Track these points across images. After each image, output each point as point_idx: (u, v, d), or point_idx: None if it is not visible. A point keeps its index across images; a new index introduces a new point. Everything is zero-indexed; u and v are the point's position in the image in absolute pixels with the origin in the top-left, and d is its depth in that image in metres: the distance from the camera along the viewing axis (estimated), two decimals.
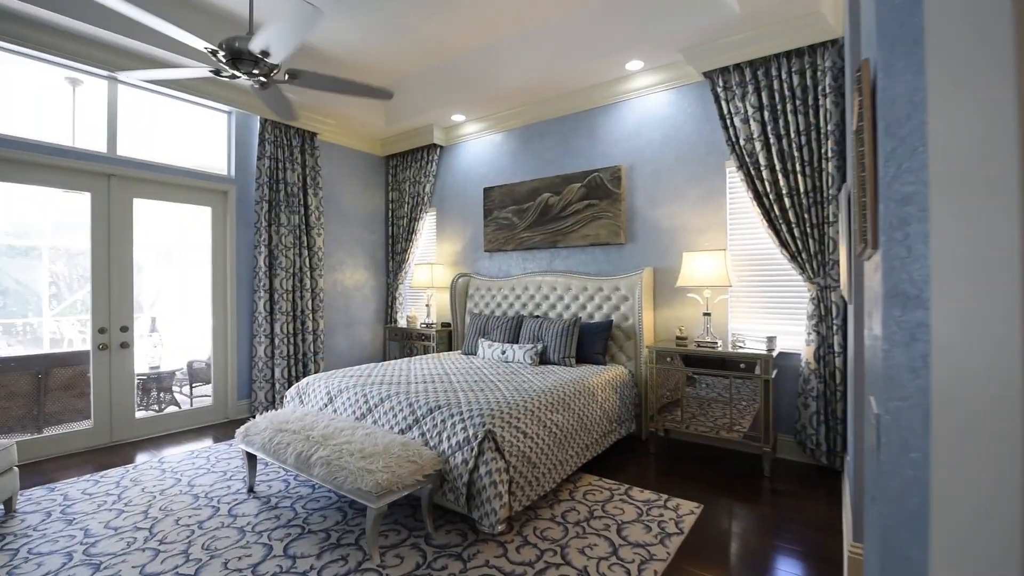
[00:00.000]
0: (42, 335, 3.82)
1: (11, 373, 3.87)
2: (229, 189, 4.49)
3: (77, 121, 3.73)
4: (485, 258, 5.10)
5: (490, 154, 5.05)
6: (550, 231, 4.49)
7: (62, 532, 2.41)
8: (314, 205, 4.95)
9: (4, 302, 3.57)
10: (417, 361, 4.03)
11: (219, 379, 4.51)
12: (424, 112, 4.82)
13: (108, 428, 3.85)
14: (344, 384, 3.16)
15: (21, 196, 3.54)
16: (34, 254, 3.69)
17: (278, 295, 4.64)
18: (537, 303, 4.51)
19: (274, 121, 4.64)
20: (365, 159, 5.71)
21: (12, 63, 3.42)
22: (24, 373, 3.92)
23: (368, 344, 5.71)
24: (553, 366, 3.73)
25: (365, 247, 5.70)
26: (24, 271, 3.69)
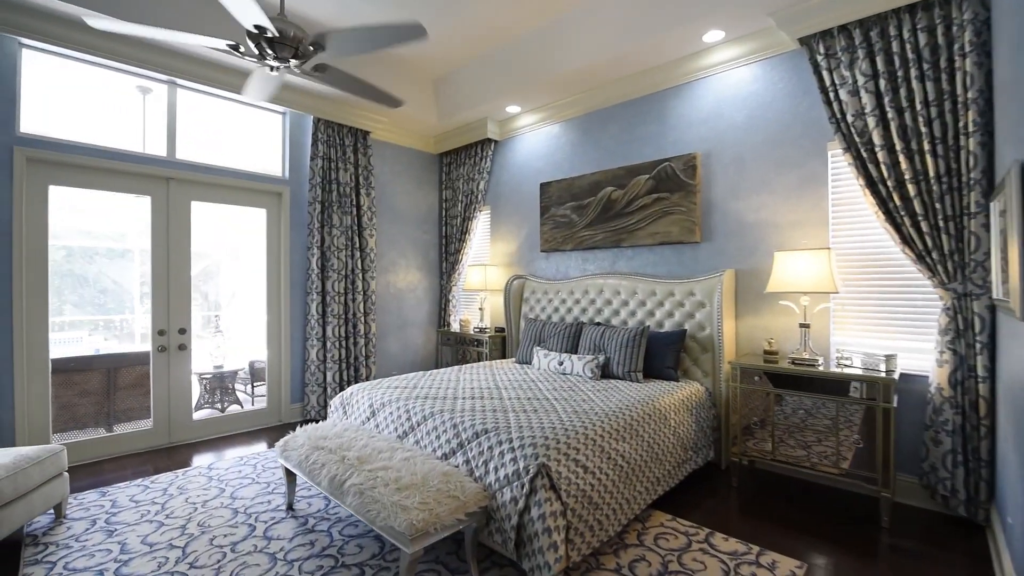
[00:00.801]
0: (134, 331, 4.09)
1: (85, 372, 4.02)
2: (283, 190, 4.45)
3: (130, 122, 3.78)
4: (541, 259, 4.75)
5: (547, 147, 4.69)
6: (613, 229, 4.05)
7: (100, 545, 2.34)
8: (366, 205, 4.83)
9: (104, 300, 3.83)
10: (467, 371, 3.75)
11: (273, 382, 4.48)
12: (477, 104, 4.54)
13: (167, 429, 3.89)
14: (387, 397, 2.93)
15: (119, 203, 3.70)
16: (128, 256, 3.93)
17: (330, 297, 4.54)
18: (598, 308, 4.10)
19: (327, 120, 4.54)
20: (418, 157, 5.54)
21: (90, 75, 3.50)
22: (96, 372, 4.06)
23: (420, 348, 5.54)
24: (617, 381, 3.31)
25: (418, 247, 5.53)
26: (121, 272, 3.96)
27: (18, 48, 3.21)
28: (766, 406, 2.90)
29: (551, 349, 3.93)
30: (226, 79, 3.90)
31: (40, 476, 2.43)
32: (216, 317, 5.55)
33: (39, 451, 2.49)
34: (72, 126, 3.47)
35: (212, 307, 5.16)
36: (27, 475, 2.35)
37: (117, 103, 3.68)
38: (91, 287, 3.86)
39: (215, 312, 5.43)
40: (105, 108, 3.63)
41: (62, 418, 3.82)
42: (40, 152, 3.28)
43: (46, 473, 2.48)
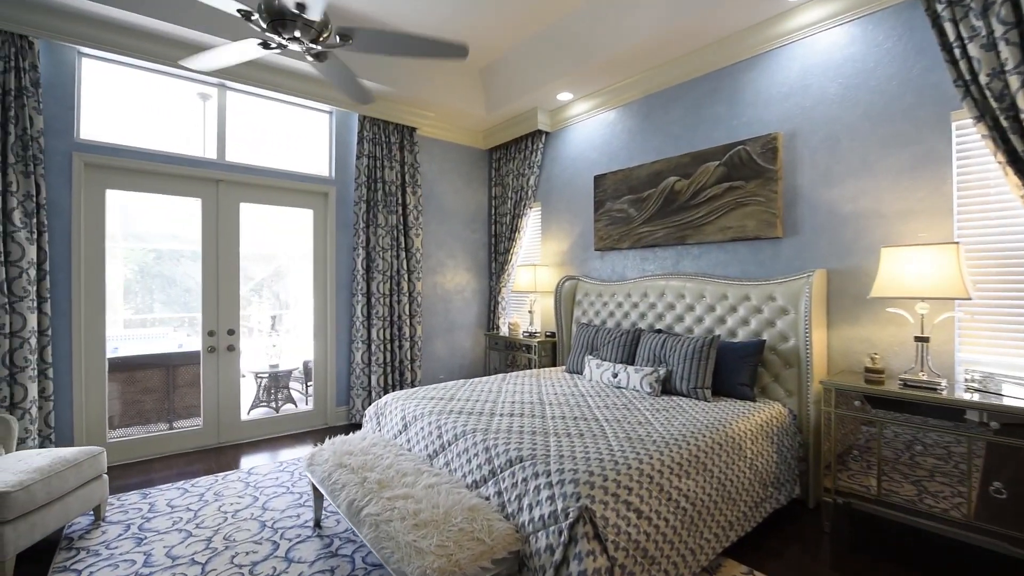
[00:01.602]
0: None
1: (147, 369, 4.16)
2: (329, 190, 4.38)
3: (190, 129, 3.83)
4: (595, 258, 4.36)
5: (601, 136, 4.29)
6: (677, 224, 3.59)
7: (126, 555, 2.27)
8: (412, 204, 4.67)
9: (188, 299, 4.00)
10: (511, 381, 3.45)
11: (319, 385, 4.43)
12: (527, 93, 4.23)
13: (216, 429, 3.92)
14: (420, 410, 2.69)
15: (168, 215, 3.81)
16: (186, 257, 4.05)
17: (375, 299, 4.42)
18: (659, 314, 3.65)
19: (372, 118, 4.43)
20: (466, 153, 5.32)
21: (147, 80, 3.57)
22: (157, 369, 4.18)
23: (469, 351, 5.32)
24: (681, 399, 2.87)
25: (467, 247, 5.31)
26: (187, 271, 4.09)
27: (77, 57, 3.31)
28: (868, 436, 2.36)
29: (605, 359, 3.55)
30: (276, 80, 3.87)
31: (77, 479, 2.42)
32: (272, 317, 5.67)
33: (78, 453, 2.49)
34: (127, 131, 3.54)
35: (283, 306, 5.27)
36: (62, 478, 2.33)
37: (174, 108, 3.74)
38: (177, 287, 4.09)
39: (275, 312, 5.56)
40: (161, 113, 3.70)
41: (129, 413, 3.97)
42: (97, 157, 3.36)
43: (83, 476, 2.46)
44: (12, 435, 2.64)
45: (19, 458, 2.37)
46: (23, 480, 2.16)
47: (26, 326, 2.98)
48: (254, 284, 4.64)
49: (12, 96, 2.97)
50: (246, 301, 4.36)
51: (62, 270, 3.25)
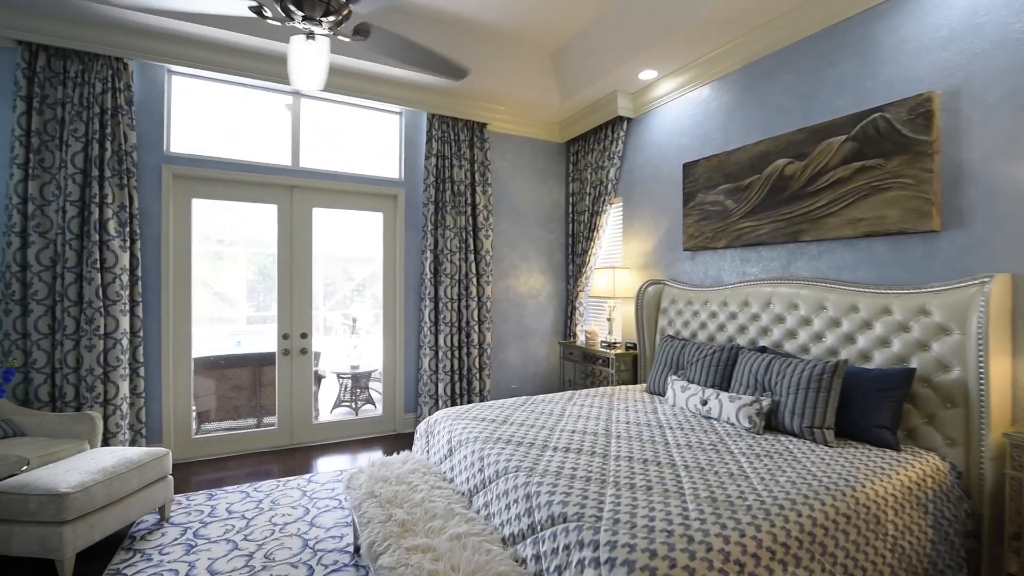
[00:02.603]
0: (318, 325, 4.61)
1: (237, 368, 4.38)
2: (399, 193, 4.29)
3: (266, 135, 3.93)
4: (684, 259, 3.76)
5: (692, 117, 3.68)
6: (788, 217, 2.91)
7: (173, 563, 2.25)
8: (482, 204, 4.43)
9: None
10: (578, 401, 3.03)
11: (388, 390, 4.36)
12: (604, 75, 3.77)
13: (289, 431, 3.99)
14: (467, 434, 2.38)
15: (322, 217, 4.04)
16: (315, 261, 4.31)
17: (442, 304, 4.24)
18: (764, 327, 3.00)
19: (441, 115, 4.25)
20: (542, 148, 4.96)
21: (229, 93, 3.74)
22: (246, 368, 4.40)
23: (543, 360, 4.96)
24: (790, 441, 2.25)
25: (541, 248, 4.96)
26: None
27: (166, 75, 3.52)
28: None
29: (692, 380, 2.98)
30: (350, 84, 3.83)
31: (139, 481, 2.47)
32: (353, 319, 5.81)
33: (143, 455, 2.55)
34: (210, 142, 3.71)
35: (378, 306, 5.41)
36: (124, 480, 2.38)
37: (253, 117, 3.87)
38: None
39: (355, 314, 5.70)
40: (241, 122, 3.83)
41: (225, 408, 4.22)
42: (184, 168, 3.55)
43: (146, 478, 2.51)
44: (97, 431, 2.81)
45: (92, 457, 2.47)
46: (84, 481, 2.21)
47: (119, 328, 3.19)
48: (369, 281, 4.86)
49: (109, 115, 3.20)
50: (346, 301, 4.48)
51: (152, 275, 3.47)
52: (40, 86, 3.06)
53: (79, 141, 3.10)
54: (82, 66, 3.15)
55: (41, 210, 3.06)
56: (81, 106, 3.13)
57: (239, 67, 3.51)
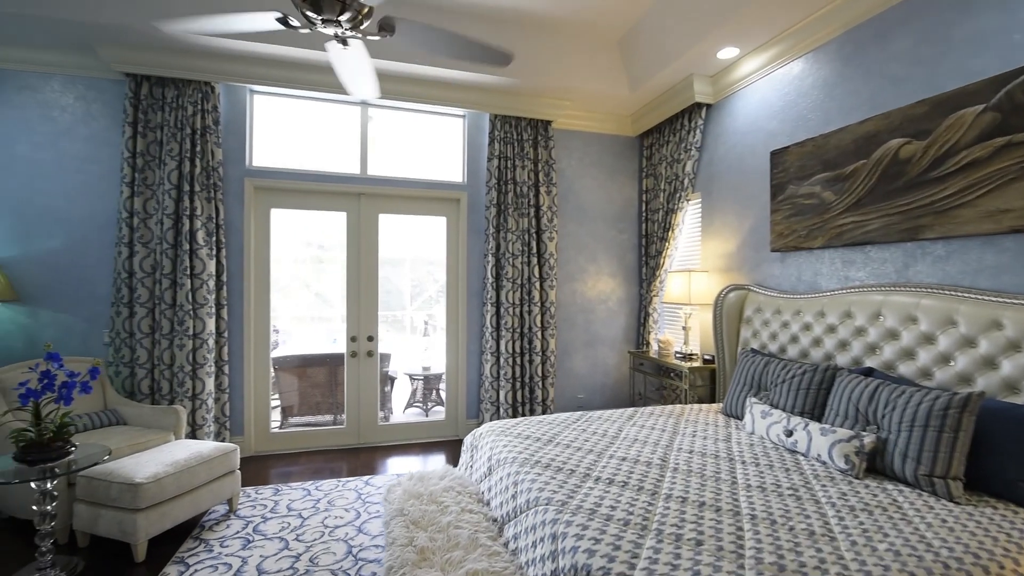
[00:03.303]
0: (405, 324, 5.28)
1: (317, 366, 4.64)
2: (461, 196, 4.25)
3: (336, 145, 4.09)
4: (772, 261, 3.27)
5: (782, 98, 3.19)
6: (904, 209, 2.38)
7: (228, 557, 2.35)
8: (546, 204, 4.24)
9: (388, 299, 4.69)
10: (639, 421, 2.73)
11: (451, 395, 4.34)
12: (677, 57, 3.40)
13: (356, 430, 4.11)
14: (506, 453, 2.22)
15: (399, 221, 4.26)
16: (400, 264, 4.84)
17: (504, 309, 4.13)
18: (870, 344, 2.47)
19: (503, 115, 4.14)
20: (612, 143, 4.66)
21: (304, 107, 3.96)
22: (324, 367, 4.64)
23: (613, 370, 4.64)
24: (900, 492, 1.80)
25: (611, 250, 4.65)
26: (398, 277, 4.91)
27: (249, 94, 3.78)
28: None
29: (777, 405, 2.55)
30: (415, 91, 3.85)
31: (207, 475, 2.64)
32: (425, 321, 5.92)
33: (213, 450, 2.72)
34: (286, 154, 3.94)
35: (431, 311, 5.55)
36: (193, 473, 2.55)
37: (324, 129, 4.05)
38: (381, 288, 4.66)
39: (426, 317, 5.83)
40: (313, 134, 4.03)
41: (307, 404, 4.50)
42: (264, 180, 3.80)
43: (214, 472, 2.68)
44: (181, 423, 3.07)
45: (170, 449, 2.69)
46: (157, 473, 2.40)
47: (205, 329, 3.48)
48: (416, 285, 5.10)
49: (199, 134, 3.50)
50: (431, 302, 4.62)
51: (236, 280, 3.74)
52: (143, 112, 3.43)
53: (174, 159, 3.43)
54: (177, 92, 3.48)
55: (144, 223, 3.43)
56: (176, 128, 3.46)
57: (310, 82, 3.67)
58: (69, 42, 3.21)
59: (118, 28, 3.03)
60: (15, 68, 3.30)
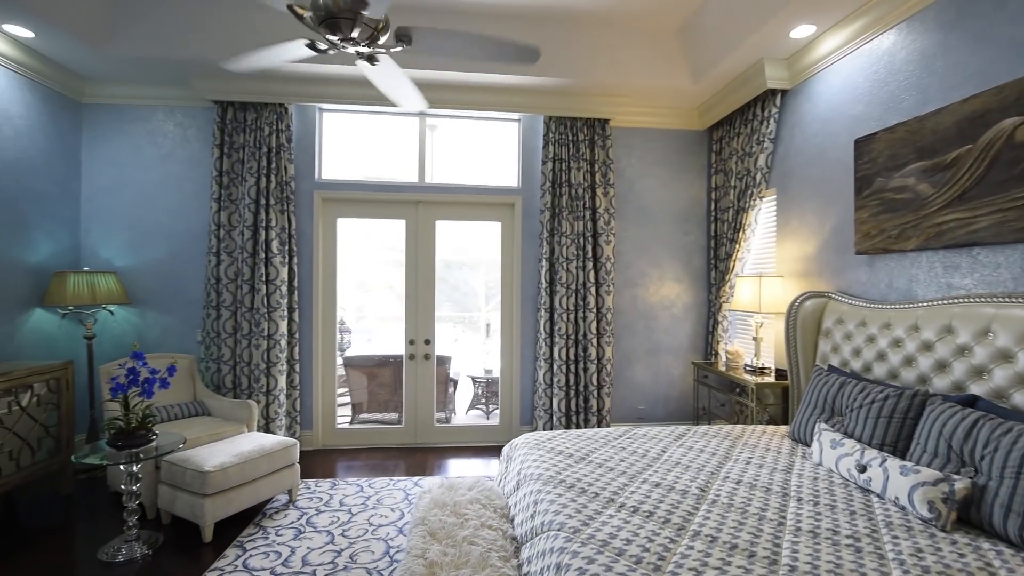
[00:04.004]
0: (480, 325, 5.43)
1: (383, 367, 4.88)
2: (515, 201, 4.23)
3: (397, 155, 4.25)
4: (857, 265, 2.85)
5: (869, 77, 2.76)
6: (1022, 202, 1.94)
7: (279, 546, 2.52)
8: (603, 206, 4.08)
9: (464, 301, 5.10)
10: (688, 441, 2.51)
11: (505, 401, 4.32)
12: (744, 40, 3.10)
13: (414, 431, 4.25)
14: (533, 469, 2.15)
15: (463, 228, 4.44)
16: (476, 267, 5.07)
17: (557, 315, 4.03)
18: (976, 368, 2.05)
19: (558, 117, 4.05)
20: (676, 138, 4.36)
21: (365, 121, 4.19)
22: (388, 368, 4.86)
23: (678, 380, 4.35)
24: (997, 550, 1.46)
25: (676, 253, 4.36)
26: (472, 279, 5.09)
27: (318, 112, 4.06)
28: None
29: (851, 433, 2.21)
30: (470, 98, 3.90)
31: (268, 467, 2.86)
32: (487, 324, 5.99)
33: (275, 443, 2.94)
34: (350, 166, 4.17)
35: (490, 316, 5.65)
36: (254, 465, 2.77)
37: (384, 140, 4.25)
38: (458, 290, 5.05)
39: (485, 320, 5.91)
40: (374, 146, 4.24)
41: (375, 401, 4.76)
42: (330, 192, 4.06)
43: (274, 464, 2.90)
44: (253, 417, 3.36)
45: (238, 441, 2.94)
46: (223, 463, 2.64)
47: (278, 330, 3.79)
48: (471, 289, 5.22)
49: (274, 152, 3.82)
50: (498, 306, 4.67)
51: (306, 285, 4.03)
52: (228, 135, 3.82)
53: (252, 176, 3.78)
54: (256, 114, 3.82)
55: (228, 234, 3.81)
56: (255, 147, 3.81)
57: (371, 96, 3.84)
58: (169, 77, 3.66)
59: (205, 62, 3.39)
60: (129, 103, 3.84)
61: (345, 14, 1.71)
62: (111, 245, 3.83)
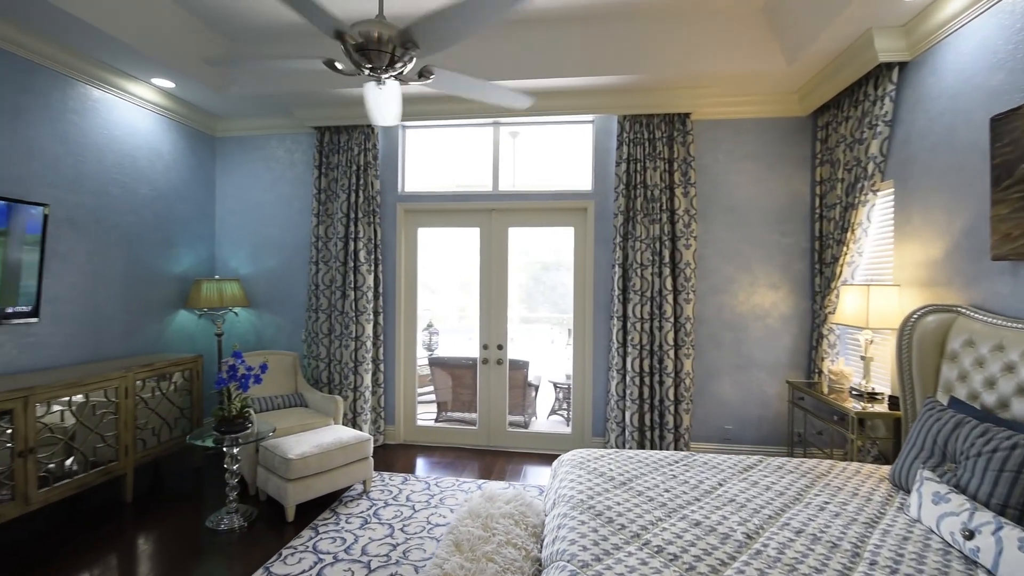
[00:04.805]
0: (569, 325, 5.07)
1: (465, 368, 5.08)
2: (588, 205, 4.11)
3: (472, 165, 4.39)
4: (997, 273, 2.28)
5: (1010, 38, 2.18)
6: None
7: (345, 533, 2.75)
8: (683, 207, 3.79)
9: (560, 303, 5.28)
10: (752, 476, 2.23)
11: (577, 410, 4.23)
12: (842, 7, 2.65)
13: (487, 433, 4.35)
14: (566, 491, 2.07)
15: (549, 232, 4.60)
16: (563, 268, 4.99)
17: (630, 323, 3.84)
18: None
19: (632, 116, 3.85)
20: (773, 128, 3.88)
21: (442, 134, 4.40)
22: (470, 369, 5.05)
23: (773, 399, 3.87)
24: None
25: (771, 256, 3.88)
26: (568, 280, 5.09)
27: (401, 130, 4.35)
28: None
29: (964, 487, 1.78)
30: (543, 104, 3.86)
31: (344, 459, 3.14)
32: (569, 330, 5.91)
33: (351, 438, 3.22)
34: (430, 178, 4.40)
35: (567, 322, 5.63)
36: (330, 456, 3.06)
37: (460, 151, 4.41)
38: (555, 292, 5.25)
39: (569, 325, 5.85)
40: (456, 157, 4.42)
41: (457, 402, 4.99)
42: (412, 204, 4.32)
43: (349, 457, 3.17)
44: (339, 411, 3.70)
45: (322, 433, 3.27)
46: (304, 452, 2.96)
47: (364, 332, 4.14)
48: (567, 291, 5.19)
49: (362, 170, 4.18)
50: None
51: (390, 291, 4.35)
52: (325, 156, 4.26)
53: (344, 192, 4.17)
54: (347, 137, 4.21)
55: (325, 245, 4.26)
56: (346, 166, 4.20)
57: (451, 111, 4.01)
58: (279, 109, 4.20)
59: (301, 93, 3.83)
60: (250, 134, 4.47)
61: (386, 48, 1.82)
62: (237, 256, 4.51)
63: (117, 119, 3.57)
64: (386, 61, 1.79)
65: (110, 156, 3.52)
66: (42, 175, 3.03)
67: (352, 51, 1.78)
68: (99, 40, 2.98)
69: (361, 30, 1.75)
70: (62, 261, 3.17)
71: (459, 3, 1.59)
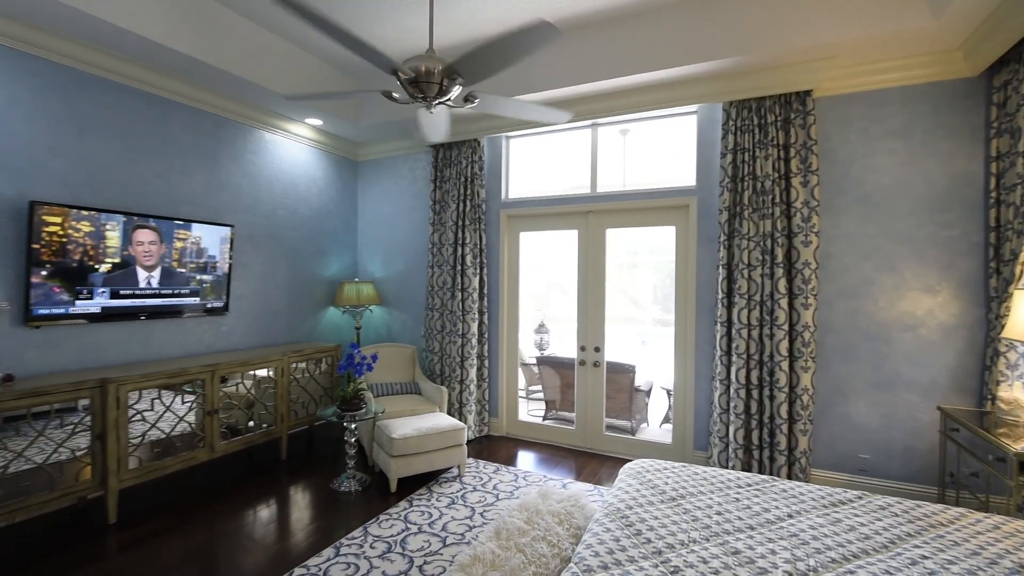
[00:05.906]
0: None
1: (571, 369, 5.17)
2: (690, 202, 3.86)
3: (571, 168, 4.44)
4: None
5: None
6: None
7: (432, 509, 3.07)
8: (801, 199, 3.33)
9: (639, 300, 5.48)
10: (833, 514, 1.92)
11: (678, 420, 4.00)
12: None
13: (584, 435, 4.37)
14: (612, 498, 2.05)
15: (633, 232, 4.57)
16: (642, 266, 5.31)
17: (735, 330, 3.51)
18: None
19: (739, 101, 3.51)
20: (928, 94, 3.16)
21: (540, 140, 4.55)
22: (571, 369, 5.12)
23: (926, 428, 3.16)
24: None
25: (925, 252, 3.18)
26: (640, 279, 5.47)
27: (504, 141, 4.61)
28: None
29: None
30: (640, 99, 3.79)
31: (438, 444, 3.50)
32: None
33: (448, 425, 3.57)
34: (532, 184, 4.57)
35: None
36: (426, 440, 3.44)
37: (559, 155, 4.50)
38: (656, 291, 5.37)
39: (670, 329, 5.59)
40: (555, 161, 4.53)
41: (566, 400, 5.12)
42: (514, 210, 4.56)
43: (444, 442, 3.52)
44: (443, 400, 4.11)
45: (424, 420, 3.68)
46: (406, 434, 3.39)
47: (470, 330, 4.50)
48: None
49: (469, 180, 4.55)
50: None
51: (494, 292, 4.65)
52: (440, 170, 4.74)
53: (454, 202, 4.59)
54: (457, 151, 4.63)
55: (439, 251, 4.74)
56: (456, 178, 4.61)
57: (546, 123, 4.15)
58: (403, 133, 4.80)
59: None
60: (382, 156, 5.19)
61: (435, 80, 2.06)
62: (373, 262, 5.28)
63: (283, 154, 4.50)
64: (435, 91, 2.02)
65: (278, 184, 4.45)
66: (229, 203, 4.00)
67: (406, 84, 2.04)
68: (267, 96, 3.82)
69: (412, 66, 2.00)
70: (244, 268, 4.13)
71: (495, 42, 1.73)
